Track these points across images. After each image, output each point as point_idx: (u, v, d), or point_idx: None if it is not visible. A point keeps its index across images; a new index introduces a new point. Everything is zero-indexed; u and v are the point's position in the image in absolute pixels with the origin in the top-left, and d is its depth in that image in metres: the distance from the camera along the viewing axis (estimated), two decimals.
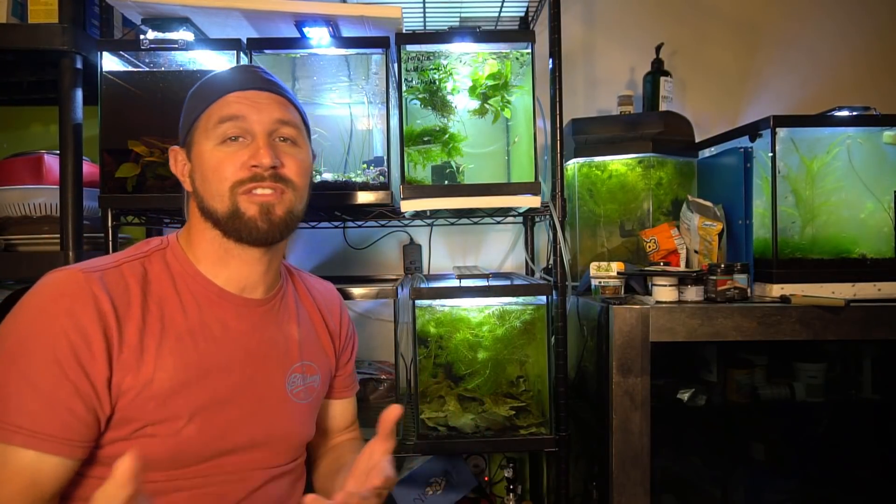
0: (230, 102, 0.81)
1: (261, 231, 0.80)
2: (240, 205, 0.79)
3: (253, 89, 0.83)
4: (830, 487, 1.38)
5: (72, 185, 1.20)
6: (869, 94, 1.79)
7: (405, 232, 1.75)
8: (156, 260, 0.82)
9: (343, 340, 1.02)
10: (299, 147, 0.85)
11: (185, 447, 0.75)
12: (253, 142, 0.80)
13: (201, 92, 0.84)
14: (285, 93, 0.86)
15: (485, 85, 1.31)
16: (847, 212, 1.30)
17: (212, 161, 0.80)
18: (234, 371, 0.81)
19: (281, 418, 0.85)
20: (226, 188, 0.79)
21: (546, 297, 1.25)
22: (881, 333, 1.16)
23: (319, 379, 0.94)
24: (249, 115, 0.80)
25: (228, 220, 0.79)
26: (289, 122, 0.83)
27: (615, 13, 1.80)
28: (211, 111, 0.81)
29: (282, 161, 0.81)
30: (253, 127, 0.80)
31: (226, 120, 0.80)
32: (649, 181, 1.44)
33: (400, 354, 1.45)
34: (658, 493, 1.22)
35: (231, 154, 0.79)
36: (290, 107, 0.86)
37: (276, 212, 0.81)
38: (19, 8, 1.23)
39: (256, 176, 0.79)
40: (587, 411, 1.34)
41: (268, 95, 0.83)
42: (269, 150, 0.79)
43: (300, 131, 0.86)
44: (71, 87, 1.21)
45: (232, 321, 0.83)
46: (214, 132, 0.80)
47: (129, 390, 0.72)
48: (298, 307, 0.95)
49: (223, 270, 0.83)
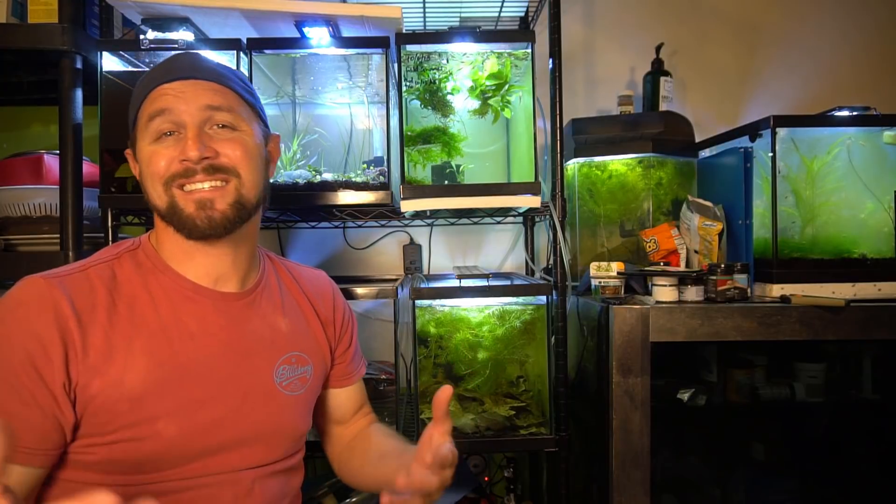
0: (158, 97, 0.78)
1: (201, 228, 0.77)
2: (177, 200, 0.77)
3: (179, 79, 0.79)
4: (830, 487, 1.38)
5: (72, 185, 1.20)
6: (869, 94, 1.79)
7: (405, 232, 1.75)
8: (126, 261, 0.80)
9: (338, 328, 1.00)
10: (240, 131, 0.81)
11: (168, 447, 0.74)
12: (185, 133, 0.77)
13: (136, 90, 0.82)
14: (218, 76, 0.81)
15: (485, 85, 1.31)
16: (847, 212, 1.30)
17: (146, 159, 0.78)
18: (214, 367, 0.79)
19: (270, 412, 0.84)
20: (160, 185, 0.77)
21: (546, 297, 1.25)
22: (881, 333, 1.16)
23: (312, 369, 0.91)
24: (176, 106, 0.77)
25: (169, 215, 0.78)
26: (221, 106, 0.79)
27: (615, 13, 1.80)
28: (143, 108, 0.79)
29: (217, 150, 0.78)
30: (182, 118, 0.77)
31: (155, 116, 0.77)
32: (649, 181, 1.44)
33: (400, 354, 1.45)
34: (658, 493, 1.22)
35: (164, 149, 0.77)
36: (224, 90, 0.81)
37: (217, 206, 0.78)
38: (19, 8, 1.23)
39: (188, 171, 0.76)
40: (587, 411, 1.34)
41: (194, 83, 0.79)
42: (196, 142, 0.76)
43: (238, 115, 0.81)
44: (71, 87, 1.21)
45: (209, 316, 0.81)
46: (147, 130, 0.78)
47: (99, 394, 0.71)
48: (284, 297, 0.93)
49: (191, 265, 0.82)
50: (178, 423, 0.74)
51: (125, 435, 0.72)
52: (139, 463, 0.73)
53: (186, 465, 0.76)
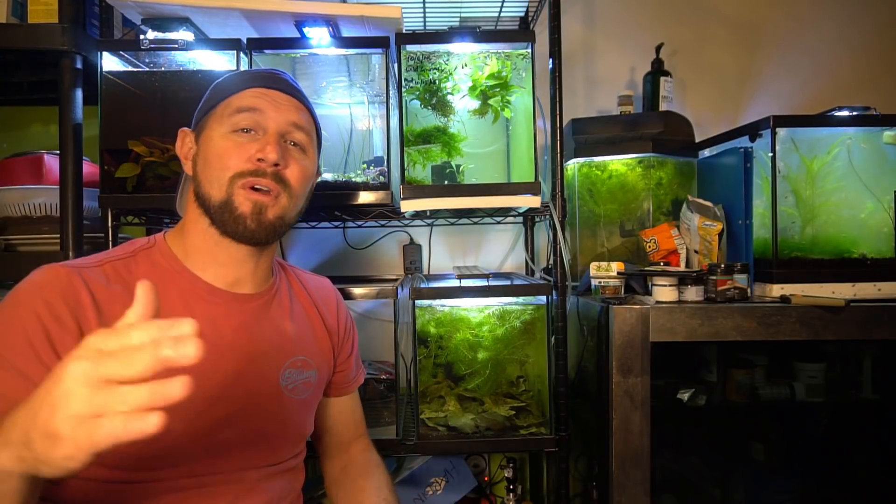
0: (251, 95, 0.82)
1: (248, 230, 0.80)
2: (234, 197, 0.79)
3: (275, 89, 0.84)
4: (830, 487, 1.38)
5: (72, 185, 1.20)
6: (869, 94, 1.79)
7: (405, 232, 1.75)
8: (141, 259, 0.81)
9: (341, 336, 1.02)
10: (306, 155, 0.86)
11: (174, 443, 0.74)
12: (263, 136, 0.81)
13: (225, 82, 0.85)
14: (305, 101, 0.88)
15: (485, 85, 1.31)
16: (847, 212, 1.30)
17: (218, 147, 0.80)
18: (222, 367, 0.80)
19: (275, 414, 0.85)
20: (226, 176, 0.79)
21: (546, 297, 1.25)
22: (881, 333, 1.16)
23: (316, 374, 0.93)
24: (266, 110, 0.81)
25: (220, 209, 0.79)
26: (302, 127, 0.84)
27: (615, 13, 1.80)
28: (230, 100, 0.82)
29: (287, 162, 0.82)
30: (267, 123, 0.81)
31: (243, 110, 0.81)
32: (649, 181, 1.44)
33: (400, 354, 1.45)
34: (658, 493, 1.22)
35: (239, 144, 0.80)
36: (306, 113, 0.87)
37: (268, 214, 0.81)
38: (19, 8, 1.23)
39: (259, 171, 0.79)
40: (587, 411, 1.34)
41: (288, 98, 0.85)
42: (276, 147, 0.80)
43: (311, 140, 0.87)
44: (71, 87, 1.21)
45: (221, 317, 0.82)
46: (229, 120, 0.81)
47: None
48: (293, 303, 0.94)
49: (212, 266, 0.83)
50: (184, 419, 0.75)
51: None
52: (144, 458, 0.73)
53: (191, 463, 0.76)
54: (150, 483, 0.74)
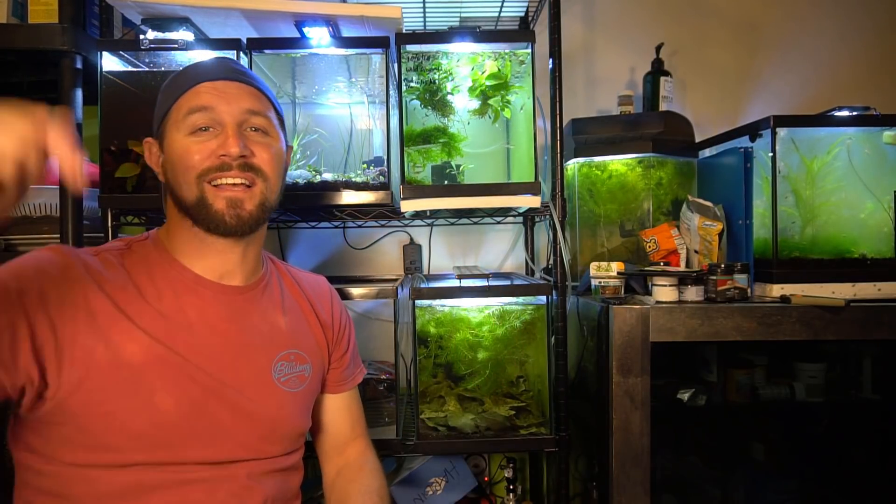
0: (199, 93, 0.81)
1: (229, 225, 0.80)
2: (206, 194, 0.79)
3: (223, 79, 0.83)
4: (830, 487, 1.38)
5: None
6: (869, 94, 1.79)
7: (405, 232, 1.75)
8: (134, 250, 0.84)
9: (337, 332, 1.01)
10: (271, 137, 0.85)
11: (164, 421, 0.75)
12: (222, 132, 0.80)
13: (173, 83, 0.84)
14: (256, 83, 0.86)
15: (485, 85, 1.31)
16: (847, 212, 1.30)
17: (180, 149, 0.80)
18: (212, 356, 0.80)
19: (268, 405, 0.85)
20: (192, 177, 0.79)
21: (546, 297, 1.25)
22: (881, 333, 1.16)
23: (311, 368, 0.93)
24: (218, 105, 0.81)
25: (196, 208, 0.80)
26: (259, 112, 0.84)
27: (615, 13, 1.80)
28: (181, 102, 0.81)
29: (252, 150, 0.81)
30: (222, 117, 0.81)
31: (195, 111, 0.80)
32: (649, 181, 1.44)
33: (400, 354, 1.45)
34: (658, 493, 1.22)
35: (199, 144, 0.80)
36: (261, 97, 0.85)
37: (246, 207, 0.81)
38: (19, 8, 1.23)
39: (224, 165, 0.80)
40: (587, 411, 1.34)
41: (237, 85, 0.83)
42: (237, 140, 0.80)
43: (271, 121, 0.86)
44: (71, 87, 1.21)
45: (210, 308, 0.83)
46: (184, 123, 0.80)
47: (102, 358, 0.72)
48: (284, 296, 0.95)
49: (200, 260, 0.84)
50: (175, 398, 0.76)
51: (122, 405, 0.73)
52: (135, 436, 0.74)
53: (182, 448, 0.76)
54: (140, 468, 0.74)
